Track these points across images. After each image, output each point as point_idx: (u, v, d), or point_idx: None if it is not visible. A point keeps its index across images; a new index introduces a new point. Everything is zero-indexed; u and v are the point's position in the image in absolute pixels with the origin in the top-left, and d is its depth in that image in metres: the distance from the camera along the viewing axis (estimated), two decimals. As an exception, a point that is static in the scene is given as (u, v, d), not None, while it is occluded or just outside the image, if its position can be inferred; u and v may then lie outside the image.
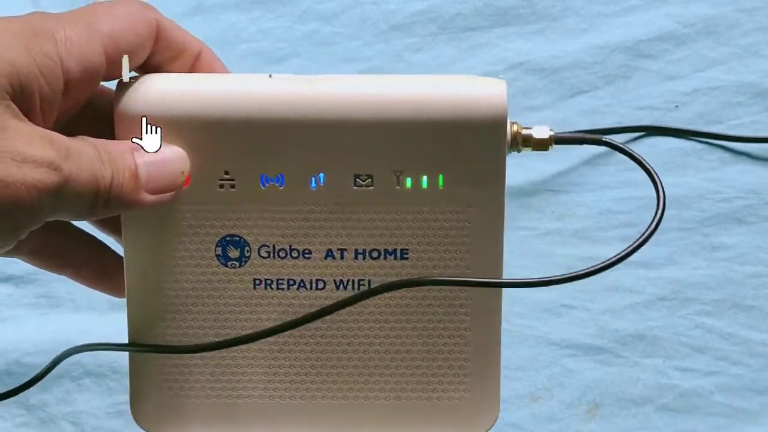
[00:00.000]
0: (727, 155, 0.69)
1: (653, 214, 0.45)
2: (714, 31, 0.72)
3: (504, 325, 0.66)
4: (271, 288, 0.46)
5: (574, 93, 0.71)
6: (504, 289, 0.48)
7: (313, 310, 0.46)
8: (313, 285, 0.46)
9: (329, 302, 0.46)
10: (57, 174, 0.39)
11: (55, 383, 0.63)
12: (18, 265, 0.67)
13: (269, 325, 0.46)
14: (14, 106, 0.40)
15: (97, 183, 0.41)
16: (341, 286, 0.46)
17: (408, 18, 0.74)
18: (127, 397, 0.63)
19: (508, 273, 0.48)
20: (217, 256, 0.46)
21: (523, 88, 0.71)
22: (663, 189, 0.45)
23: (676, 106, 0.71)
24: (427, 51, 0.73)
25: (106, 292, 0.50)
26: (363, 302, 0.46)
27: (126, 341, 0.49)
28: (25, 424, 0.63)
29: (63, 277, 0.67)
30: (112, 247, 0.49)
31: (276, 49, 0.74)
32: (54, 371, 0.55)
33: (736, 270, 0.66)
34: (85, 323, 0.66)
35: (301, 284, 0.46)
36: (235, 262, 0.46)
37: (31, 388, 0.52)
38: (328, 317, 0.46)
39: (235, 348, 0.47)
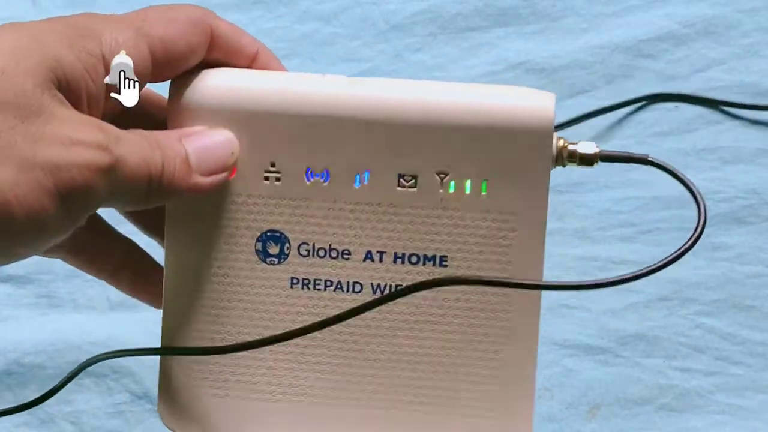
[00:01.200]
0: (727, 155, 0.69)
1: (692, 231, 0.44)
2: (714, 32, 0.72)
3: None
4: (308, 288, 0.46)
5: (574, 93, 0.71)
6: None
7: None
8: (350, 288, 0.46)
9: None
10: (108, 155, 0.40)
11: (56, 383, 0.63)
12: (18, 265, 0.67)
13: (302, 325, 0.46)
14: (60, 95, 0.40)
15: (149, 168, 0.41)
16: (378, 290, 0.46)
17: (408, 18, 0.74)
18: (127, 397, 0.63)
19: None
20: (257, 251, 0.46)
21: (523, 88, 0.71)
22: (706, 211, 0.45)
23: (676, 107, 0.71)
24: (427, 51, 0.73)
25: (143, 299, 0.50)
26: (396, 306, 0.46)
27: (145, 344, 0.49)
28: (25, 424, 0.63)
29: (64, 277, 0.67)
30: (152, 254, 0.50)
31: (276, 49, 0.73)
32: (54, 372, 0.55)
33: (736, 270, 0.66)
34: (85, 323, 0.65)
35: (338, 286, 0.46)
36: (273, 259, 0.46)
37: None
38: (360, 320, 0.46)
39: (263, 348, 0.47)
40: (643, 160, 0.46)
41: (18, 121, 0.38)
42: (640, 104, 0.71)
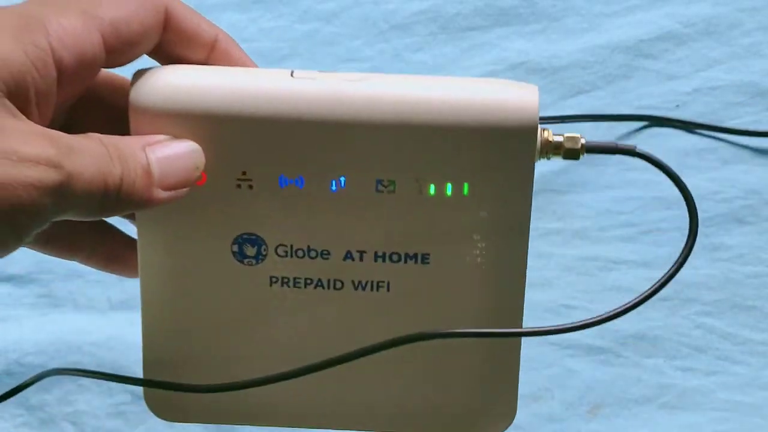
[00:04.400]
0: (727, 155, 0.69)
1: (686, 238, 0.44)
2: (714, 31, 0.72)
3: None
4: (288, 285, 0.45)
5: (575, 93, 0.71)
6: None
7: (329, 308, 0.45)
8: (331, 285, 0.45)
9: (347, 301, 0.45)
10: (57, 172, 0.38)
11: (56, 383, 0.63)
12: (18, 265, 0.67)
13: (284, 322, 0.46)
14: (9, 104, 0.38)
15: (106, 181, 0.39)
16: (360, 287, 0.45)
17: (408, 18, 0.74)
18: (127, 397, 0.63)
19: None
20: (234, 253, 0.45)
21: (524, 88, 0.71)
22: (696, 211, 0.44)
23: (677, 106, 0.71)
24: (427, 51, 0.73)
25: (118, 274, 0.48)
26: (377, 291, 0.45)
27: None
28: (24, 425, 0.63)
29: (64, 277, 0.67)
30: (121, 228, 0.48)
31: (276, 49, 0.74)
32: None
33: (736, 270, 0.66)
34: (85, 323, 0.65)
35: (319, 283, 0.45)
36: (251, 260, 0.45)
37: (31, 388, 0.51)
38: (343, 309, 0.45)
39: (245, 341, 0.46)
40: (630, 151, 0.44)
41: None
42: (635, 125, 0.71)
